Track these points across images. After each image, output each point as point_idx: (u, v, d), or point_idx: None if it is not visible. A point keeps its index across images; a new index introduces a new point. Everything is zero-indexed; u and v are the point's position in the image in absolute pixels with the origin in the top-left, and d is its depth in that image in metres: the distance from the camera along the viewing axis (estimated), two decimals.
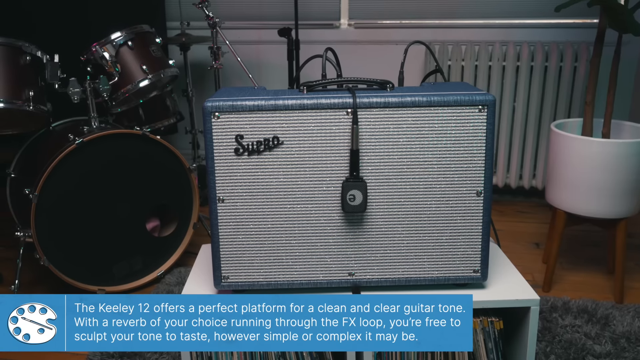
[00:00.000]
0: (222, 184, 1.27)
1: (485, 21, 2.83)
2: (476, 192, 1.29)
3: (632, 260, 2.23)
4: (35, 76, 2.07)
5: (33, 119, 2.17)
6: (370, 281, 1.33)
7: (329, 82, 1.32)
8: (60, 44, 2.20)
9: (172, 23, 2.99)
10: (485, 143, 1.26)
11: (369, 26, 2.94)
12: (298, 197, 1.28)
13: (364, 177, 1.27)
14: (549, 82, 2.64)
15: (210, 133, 1.24)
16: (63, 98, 2.06)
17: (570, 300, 1.91)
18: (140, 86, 2.23)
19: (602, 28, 1.93)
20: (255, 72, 3.00)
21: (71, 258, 2.00)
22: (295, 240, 1.31)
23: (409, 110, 1.24)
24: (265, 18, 2.99)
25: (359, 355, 1.31)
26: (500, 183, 2.83)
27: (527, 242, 2.47)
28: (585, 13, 2.62)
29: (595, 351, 1.67)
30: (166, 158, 2.12)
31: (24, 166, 2.19)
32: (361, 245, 1.31)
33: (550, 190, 2.02)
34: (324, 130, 1.24)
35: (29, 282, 2.16)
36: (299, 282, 1.33)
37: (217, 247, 1.31)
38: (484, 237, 1.32)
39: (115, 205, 2.06)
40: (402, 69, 1.45)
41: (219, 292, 1.36)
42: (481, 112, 1.24)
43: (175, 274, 2.19)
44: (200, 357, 1.33)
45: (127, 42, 2.23)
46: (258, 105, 1.23)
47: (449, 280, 1.34)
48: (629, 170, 1.83)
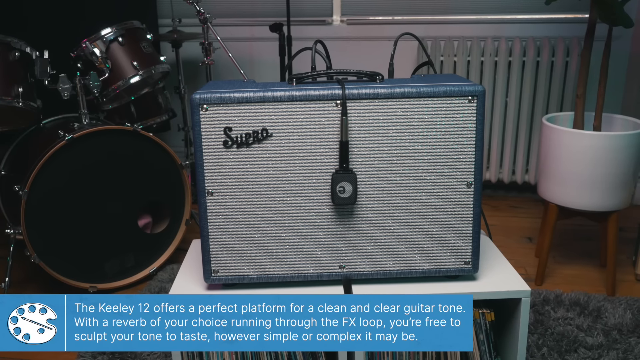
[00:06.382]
0: (211, 176, 1.26)
1: (477, 17, 2.83)
2: (466, 184, 1.29)
3: (623, 253, 2.24)
4: (24, 72, 2.06)
5: (23, 115, 2.15)
6: (361, 274, 1.33)
7: (318, 74, 1.32)
8: (50, 40, 2.19)
9: (164, 20, 2.98)
10: (475, 134, 1.26)
11: (362, 22, 2.93)
12: (288, 189, 1.27)
13: (354, 169, 1.26)
14: (540, 77, 2.64)
15: (198, 125, 1.23)
16: (53, 95, 2.05)
17: (562, 293, 1.91)
18: (131, 82, 2.22)
19: (593, 21, 1.93)
20: (248, 68, 2.99)
21: (62, 255, 1.99)
22: (285, 233, 1.30)
23: (399, 102, 1.24)
24: (258, 15, 2.98)
25: (350, 355, 1.30)
26: (493, 178, 2.84)
27: (520, 237, 2.47)
28: (576, 8, 2.63)
29: (587, 343, 1.67)
30: (158, 154, 2.11)
31: (13, 163, 2.17)
32: (351, 237, 1.31)
33: (542, 184, 2.02)
34: (313, 122, 1.24)
35: (19, 280, 2.15)
36: (289, 276, 1.33)
37: (206, 241, 1.30)
38: (475, 228, 1.31)
39: (107, 202, 2.05)
40: (392, 60, 1.45)
41: (209, 286, 1.35)
42: (471, 103, 1.24)
43: (167, 270, 2.18)
44: (191, 357, 1.33)
45: (118, 38, 2.22)
46: (246, 97, 1.22)
47: (440, 272, 1.34)
48: (620, 163, 1.83)
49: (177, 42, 2.70)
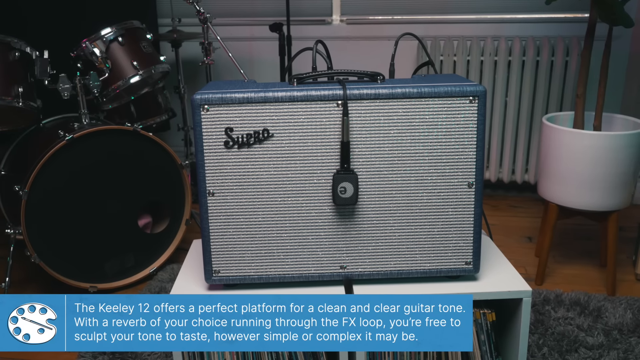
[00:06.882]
0: (212, 177, 1.26)
1: (477, 16, 2.83)
2: (467, 184, 1.29)
3: (623, 252, 2.24)
4: (24, 72, 2.06)
5: (23, 115, 2.15)
6: (362, 274, 1.33)
7: (319, 74, 1.32)
8: (50, 40, 2.18)
9: (164, 20, 2.97)
10: (476, 134, 1.26)
11: (361, 22, 2.93)
12: (289, 189, 1.27)
13: (355, 170, 1.26)
14: (540, 76, 2.64)
15: (199, 126, 1.23)
16: (53, 95, 2.05)
17: (562, 293, 1.91)
18: (131, 82, 2.22)
19: (593, 21, 1.93)
20: (248, 68, 2.99)
21: (62, 255, 1.99)
22: (286, 233, 1.30)
23: (400, 102, 1.24)
24: (258, 14, 2.98)
25: (351, 355, 1.30)
26: (493, 178, 2.84)
27: (520, 236, 2.47)
28: (576, 7, 2.63)
29: (588, 343, 1.67)
30: (158, 154, 2.11)
31: (13, 163, 2.17)
32: (353, 237, 1.31)
33: (542, 184, 2.02)
34: (315, 123, 1.24)
35: (19, 280, 2.15)
36: (290, 276, 1.33)
37: (207, 241, 1.30)
38: (476, 229, 1.31)
39: (107, 202, 2.04)
40: (393, 60, 1.45)
41: (209, 286, 1.35)
42: (472, 103, 1.24)
43: (167, 270, 2.18)
44: (192, 357, 1.33)
45: (118, 38, 2.22)
46: (248, 98, 1.22)
47: (441, 273, 1.34)
48: (620, 163, 1.83)
49: (176, 41, 2.69)
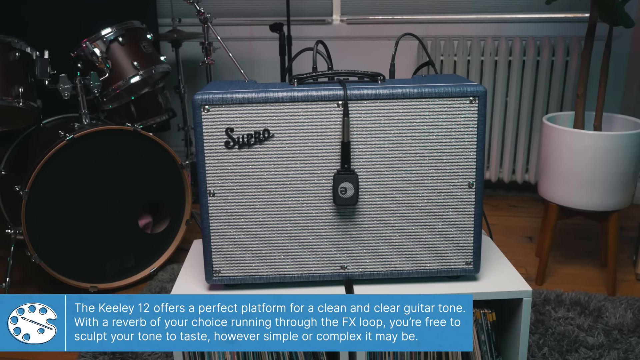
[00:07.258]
0: (213, 177, 1.26)
1: (477, 16, 2.83)
2: (468, 184, 1.29)
3: (624, 252, 2.24)
4: (24, 72, 2.06)
5: (23, 115, 2.15)
6: (362, 274, 1.33)
7: (320, 75, 1.32)
8: (50, 40, 2.18)
9: (164, 20, 2.98)
10: (476, 134, 1.26)
11: (362, 22, 2.93)
12: (289, 190, 1.27)
13: (355, 170, 1.26)
14: (540, 76, 2.64)
15: (200, 126, 1.23)
16: (53, 95, 2.05)
17: (563, 293, 1.92)
18: (131, 82, 2.22)
19: (593, 21, 1.93)
20: (248, 68, 2.99)
21: (63, 255, 1.99)
22: (286, 233, 1.30)
23: (400, 102, 1.24)
24: (258, 14, 2.98)
25: (351, 355, 1.30)
26: (493, 178, 2.84)
27: (520, 236, 2.47)
28: (576, 7, 2.63)
29: (588, 343, 1.67)
30: (158, 154, 2.11)
31: (14, 163, 2.17)
32: (353, 238, 1.31)
33: (543, 184, 2.02)
34: (315, 123, 1.24)
35: (20, 280, 2.15)
36: (290, 276, 1.33)
37: (208, 242, 1.30)
38: (476, 229, 1.31)
39: (107, 202, 2.05)
40: (393, 61, 1.45)
41: (210, 286, 1.35)
42: (472, 104, 1.24)
43: (168, 270, 2.18)
44: (192, 357, 1.33)
45: (118, 38, 2.22)
46: (248, 98, 1.22)
47: (442, 273, 1.34)
48: (621, 163, 1.83)
49: (177, 41, 2.70)
